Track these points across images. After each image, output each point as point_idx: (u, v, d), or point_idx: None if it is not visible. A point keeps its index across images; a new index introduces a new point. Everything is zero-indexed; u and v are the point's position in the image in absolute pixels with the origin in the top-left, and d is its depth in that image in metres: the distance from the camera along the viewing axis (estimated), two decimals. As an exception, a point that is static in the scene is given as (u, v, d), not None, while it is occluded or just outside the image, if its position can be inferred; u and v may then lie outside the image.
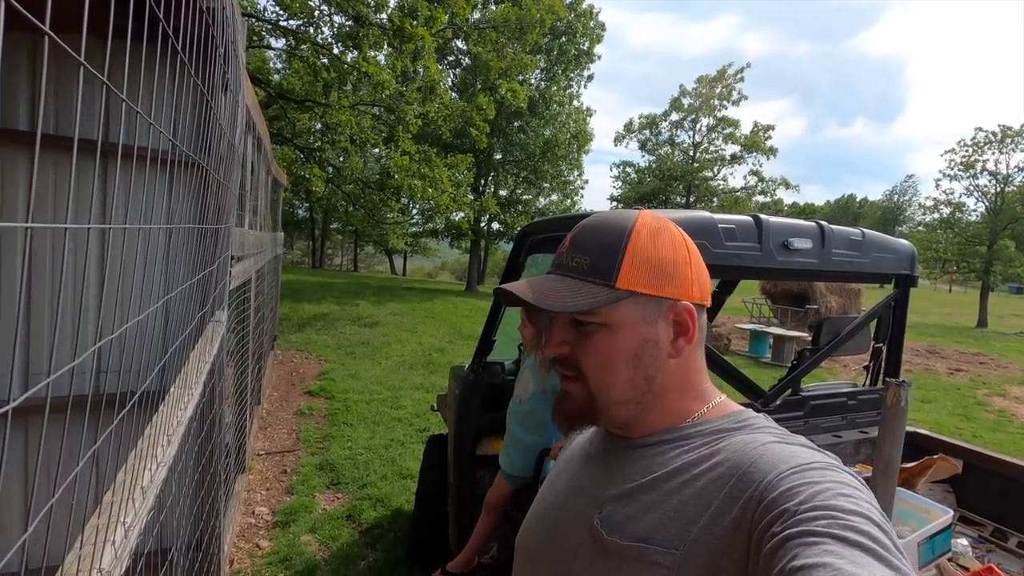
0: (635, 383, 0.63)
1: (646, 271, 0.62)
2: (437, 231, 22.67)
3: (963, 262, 23.48)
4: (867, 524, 0.45)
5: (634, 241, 0.63)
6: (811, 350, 2.03)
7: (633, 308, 0.62)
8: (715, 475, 0.57)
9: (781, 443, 0.57)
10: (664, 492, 0.59)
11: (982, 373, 9.81)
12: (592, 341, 0.63)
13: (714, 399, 0.67)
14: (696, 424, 0.64)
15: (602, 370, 0.63)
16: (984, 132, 22.04)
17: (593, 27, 20.27)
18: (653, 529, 0.57)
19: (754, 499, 0.51)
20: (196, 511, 1.83)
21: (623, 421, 0.65)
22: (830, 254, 1.88)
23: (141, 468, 0.83)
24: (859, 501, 0.47)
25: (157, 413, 1.06)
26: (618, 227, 0.64)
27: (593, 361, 0.63)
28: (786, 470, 0.52)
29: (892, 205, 64.41)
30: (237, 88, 2.15)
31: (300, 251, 34.76)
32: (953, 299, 36.95)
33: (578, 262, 0.64)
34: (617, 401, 0.63)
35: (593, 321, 0.62)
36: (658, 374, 0.64)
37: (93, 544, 0.63)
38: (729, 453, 0.58)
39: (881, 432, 0.94)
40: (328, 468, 3.97)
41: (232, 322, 3.13)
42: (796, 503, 0.48)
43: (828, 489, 0.48)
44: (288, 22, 10.33)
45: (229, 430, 3.10)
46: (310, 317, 10.14)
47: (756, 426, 0.62)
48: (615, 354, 0.62)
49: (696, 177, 25.16)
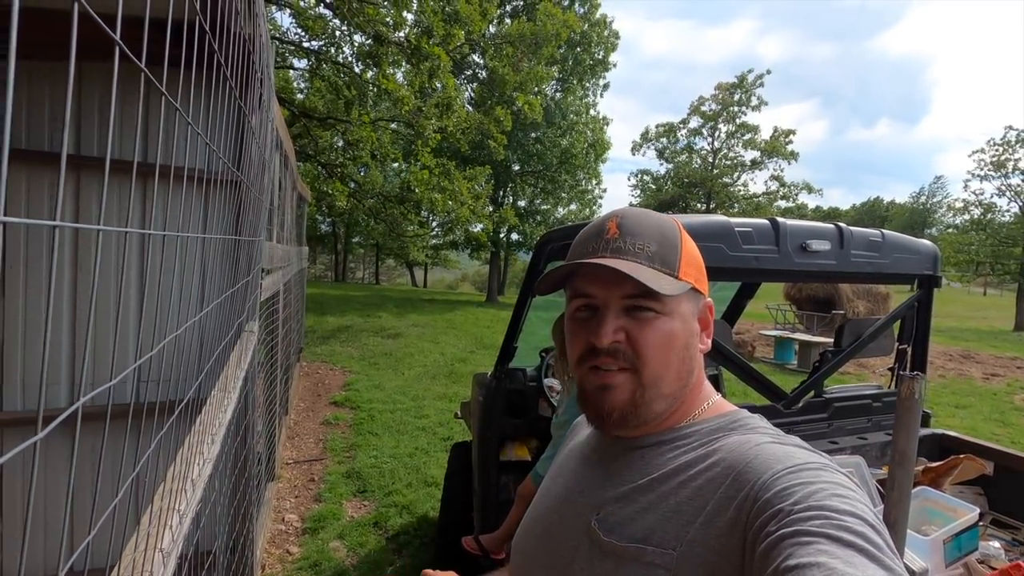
0: (680, 375, 0.64)
1: (694, 268, 0.65)
2: (457, 243, 22.88)
3: (997, 264, 22.76)
4: (861, 524, 0.45)
5: (684, 238, 0.66)
6: (833, 352, 2.02)
7: (688, 300, 0.65)
8: (711, 475, 0.57)
9: (776, 443, 0.57)
10: (661, 493, 0.59)
11: (1020, 378, 9.48)
12: (653, 328, 0.62)
13: (710, 398, 0.68)
14: (693, 424, 0.65)
15: (662, 359, 0.62)
16: (1015, 130, 21.46)
17: (607, 36, 20.39)
18: (650, 530, 0.57)
19: (749, 499, 0.52)
20: (232, 514, 1.90)
21: (655, 415, 0.64)
22: (849, 255, 1.88)
23: (191, 462, 0.90)
24: (853, 502, 0.48)
25: (201, 413, 1.13)
26: (666, 220, 0.66)
27: (654, 348, 0.62)
28: (781, 470, 0.52)
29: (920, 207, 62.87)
30: (269, 107, 2.25)
31: (323, 265, 35.39)
32: (988, 302, 35.79)
33: (641, 248, 0.62)
34: (664, 393, 0.63)
35: (654, 308, 0.62)
36: (695, 367, 0.66)
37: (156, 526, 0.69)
38: (725, 453, 0.58)
39: (896, 425, 0.95)
40: (355, 476, 4.04)
41: (262, 334, 3.24)
42: (791, 503, 0.48)
43: (823, 489, 0.49)
44: (310, 43, 10.65)
45: (260, 439, 3.20)
46: (334, 329, 10.31)
47: (751, 426, 0.63)
48: (674, 342, 0.63)
49: (716, 183, 24.97)
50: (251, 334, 2.05)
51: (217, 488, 1.48)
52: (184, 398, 0.96)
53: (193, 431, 1.03)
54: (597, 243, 0.64)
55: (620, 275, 0.60)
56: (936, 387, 8.41)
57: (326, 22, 9.95)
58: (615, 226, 0.64)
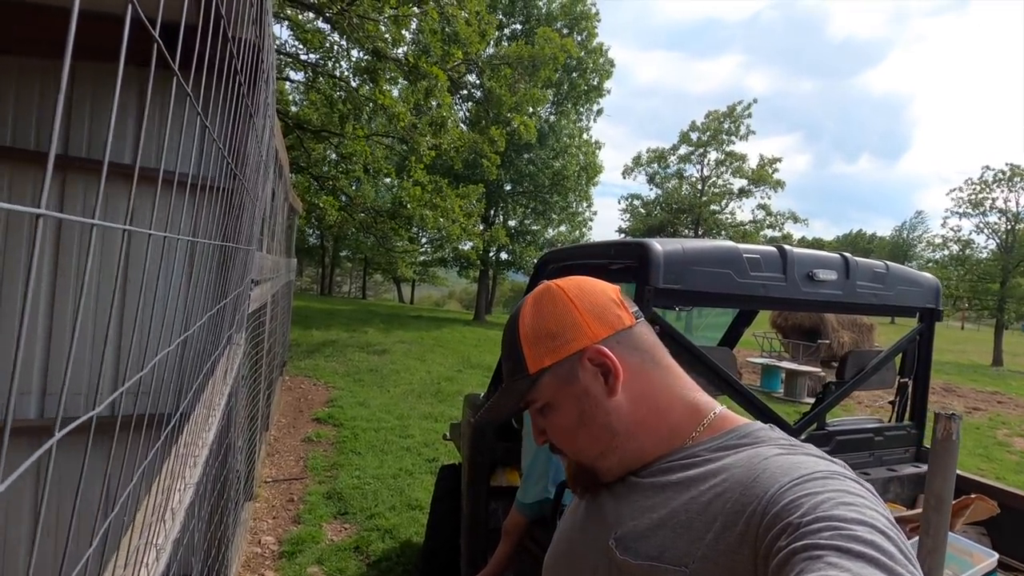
0: (597, 437, 0.66)
1: (542, 344, 0.67)
2: (446, 260, 22.80)
3: (975, 300, 23.23)
4: (871, 532, 0.44)
5: (521, 326, 0.69)
6: (837, 383, 1.99)
7: (552, 380, 0.67)
8: (719, 490, 0.57)
9: (784, 454, 0.57)
10: (672, 510, 0.59)
11: (1001, 412, 9.58)
12: (549, 421, 0.69)
13: (710, 412, 0.67)
14: (697, 443, 0.64)
15: (567, 441, 0.69)
16: (992, 170, 22.10)
17: (603, 63, 20.74)
18: (663, 547, 0.57)
19: (757, 513, 0.51)
20: (209, 539, 1.79)
21: (615, 470, 0.68)
22: (855, 286, 1.86)
23: (171, 488, 0.82)
24: (862, 509, 0.47)
25: (183, 434, 1.05)
26: (511, 322, 0.72)
27: (558, 437, 0.69)
28: (788, 483, 0.51)
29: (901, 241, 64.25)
30: (271, 112, 2.20)
31: (309, 278, 35.03)
32: (966, 336, 36.41)
33: (507, 369, 0.71)
34: (594, 458, 0.68)
35: (539, 406, 0.69)
36: (610, 418, 0.66)
37: (133, 566, 0.61)
38: (733, 468, 0.58)
39: (931, 468, 0.91)
40: (336, 497, 3.89)
41: (247, 346, 3.13)
42: (799, 516, 0.47)
43: (830, 499, 0.48)
44: (308, 56, 10.66)
45: (240, 457, 3.07)
46: (319, 343, 10.13)
47: (761, 439, 0.62)
48: (566, 422, 0.67)
49: (704, 210, 25.30)
50: (237, 347, 1.97)
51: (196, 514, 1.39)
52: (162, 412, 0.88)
53: (174, 453, 0.95)
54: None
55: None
56: (920, 420, 8.46)
57: (324, 36, 9.98)
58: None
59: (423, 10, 8.35)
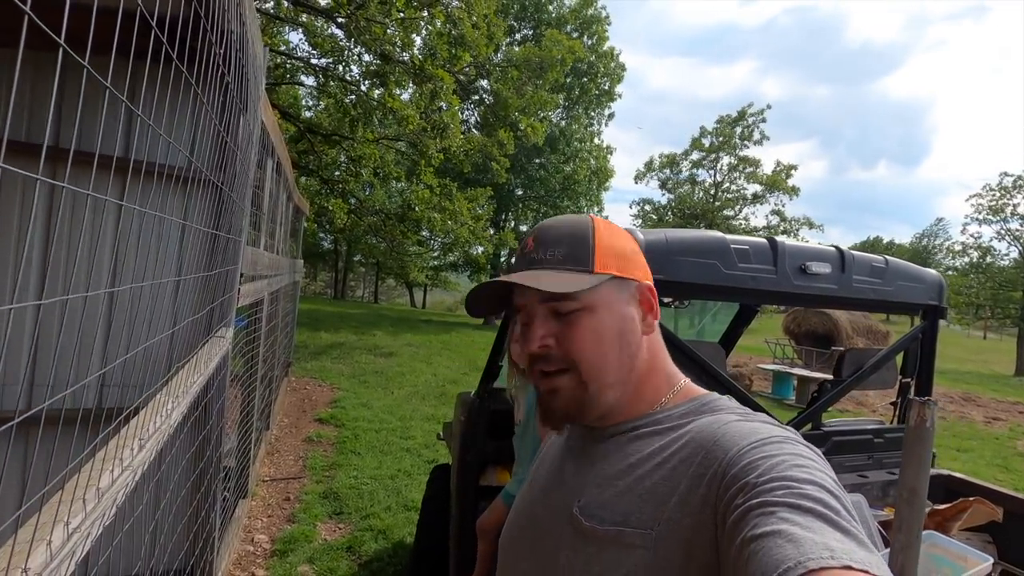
0: (622, 362, 0.66)
1: (614, 257, 0.67)
2: (457, 264, 22.84)
3: (997, 308, 22.68)
4: (820, 491, 0.47)
5: (598, 232, 0.68)
6: (833, 382, 1.92)
7: (611, 290, 0.66)
8: (683, 455, 0.59)
9: (742, 420, 0.60)
10: (637, 476, 0.61)
11: (1023, 423, 9.30)
12: (580, 326, 0.64)
13: (679, 381, 0.70)
14: (665, 409, 0.67)
15: (594, 352, 0.64)
16: (1010, 176, 21.61)
17: (614, 68, 20.71)
18: (629, 512, 0.59)
19: (718, 475, 0.54)
20: (183, 533, 1.77)
21: (609, 406, 0.66)
22: (851, 280, 1.79)
23: (100, 470, 0.79)
24: (812, 471, 0.50)
25: (134, 418, 1.02)
26: (579, 221, 0.70)
27: (585, 345, 0.64)
28: (746, 445, 0.54)
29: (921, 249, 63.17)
30: (252, 109, 2.19)
31: (323, 282, 35.30)
32: (988, 346, 35.53)
33: (552, 255, 0.66)
34: (609, 383, 0.65)
35: (576, 307, 0.64)
36: (638, 351, 0.67)
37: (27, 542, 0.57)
38: (695, 434, 0.61)
39: (904, 457, 0.84)
40: (332, 497, 3.87)
41: (241, 343, 3.12)
42: (755, 476, 0.50)
43: (784, 461, 0.51)
44: (319, 60, 10.77)
45: (232, 454, 3.05)
46: (327, 345, 10.16)
47: (720, 406, 0.65)
48: (604, 333, 0.65)
49: (717, 216, 25.07)
50: (222, 340, 1.95)
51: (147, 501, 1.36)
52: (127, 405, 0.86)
53: (117, 436, 0.92)
54: (520, 260, 0.70)
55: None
56: (937, 429, 8.21)
57: (336, 41, 10.07)
58: (532, 241, 0.69)
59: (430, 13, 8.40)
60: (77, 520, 0.69)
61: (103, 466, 0.80)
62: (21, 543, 0.56)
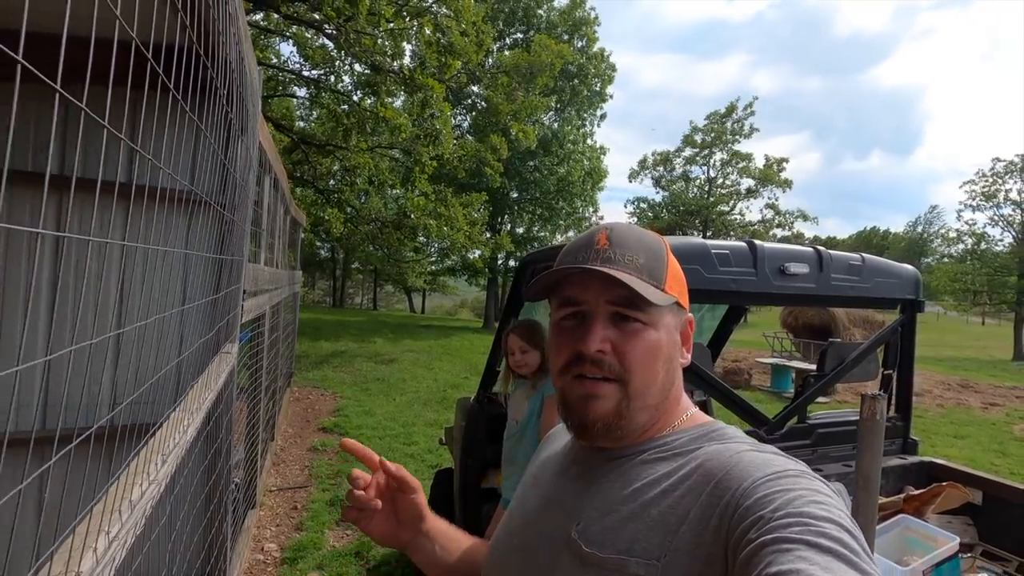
0: (664, 385, 0.65)
1: (678, 283, 0.67)
2: (454, 269, 22.93)
3: (993, 293, 22.82)
4: (838, 530, 0.46)
5: (669, 253, 0.68)
6: (816, 376, 2.00)
7: (671, 314, 0.66)
8: (691, 484, 0.57)
9: (754, 451, 0.58)
10: (643, 503, 0.59)
11: (1020, 408, 9.39)
12: (639, 339, 0.63)
13: (688, 410, 0.69)
14: (673, 435, 0.65)
15: (648, 369, 0.63)
16: (1003, 162, 21.78)
17: (604, 69, 20.83)
18: (634, 540, 0.56)
19: (731, 506, 0.52)
20: (198, 543, 1.84)
21: (638, 426, 0.64)
22: (829, 279, 1.87)
23: (131, 484, 0.86)
24: (830, 508, 0.48)
25: (155, 435, 1.10)
26: (654, 235, 0.69)
27: (641, 359, 0.62)
28: (760, 478, 0.52)
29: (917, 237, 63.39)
30: (250, 132, 2.27)
31: (322, 290, 35.36)
32: (987, 332, 35.69)
33: (631, 258, 0.64)
34: (649, 404, 0.64)
35: (643, 320, 0.63)
36: (676, 379, 0.67)
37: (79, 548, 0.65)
38: (703, 460, 0.59)
39: (859, 447, 0.92)
40: (339, 504, 3.93)
41: (244, 356, 3.20)
42: (771, 510, 0.48)
43: (801, 496, 0.49)
44: (311, 72, 10.86)
45: (240, 466, 3.13)
46: (327, 354, 10.23)
47: (728, 436, 0.64)
48: (659, 353, 0.63)
49: (712, 211, 25.19)
50: (228, 355, 2.03)
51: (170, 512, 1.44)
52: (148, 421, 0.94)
53: (142, 452, 1.00)
54: (587, 253, 0.65)
55: (608, 283, 0.62)
56: (935, 416, 8.32)
57: (326, 52, 10.16)
58: (604, 238, 0.65)
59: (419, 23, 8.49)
60: (115, 529, 0.76)
61: (134, 480, 0.88)
62: (75, 549, 0.64)
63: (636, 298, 0.61)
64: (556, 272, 0.65)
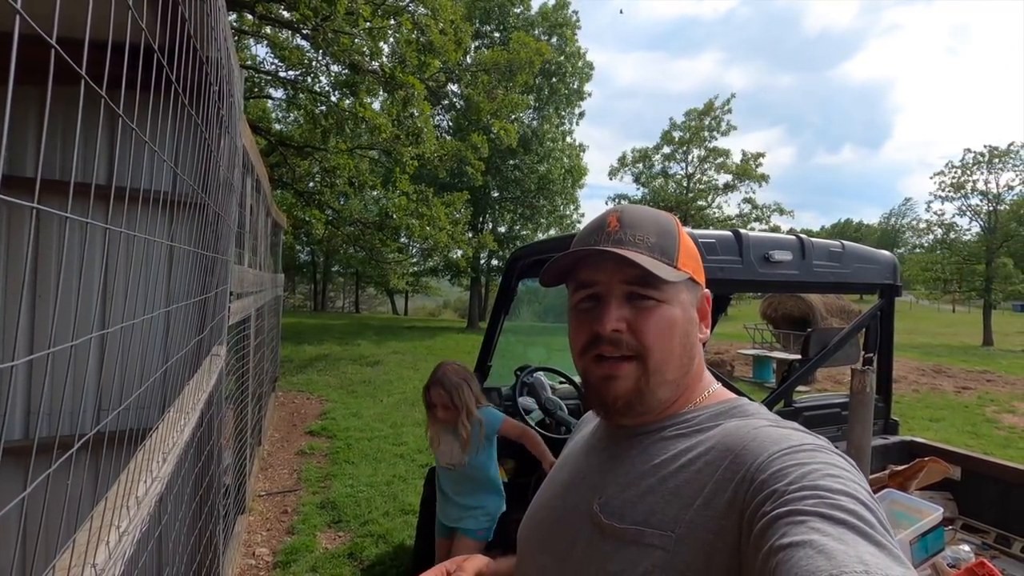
0: (683, 361, 0.66)
1: (692, 259, 0.68)
2: (437, 269, 22.84)
3: (963, 281, 23.51)
4: (853, 503, 0.46)
5: (681, 231, 0.69)
6: (801, 361, 2.05)
7: (686, 290, 0.67)
8: (709, 458, 0.58)
9: (773, 427, 0.59)
10: (661, 477, 0.60)
11: (990, 390, 9.71)
12: (654, 316, 0.64)
13: (710, 386, 0.71)
14: (694, 411, 0.66)
15: (665, 345, 0.64)
16: (973, 153, 22.44)
17: (582, 67, 20.95)
18: (650, 513, 0.58)
19: (746, 480, 0.53)
20: (193, 546, 1.82)
21: (659, 402, 0.66)
22: (811, 266, 1.93)
23: (136, 480, 0.86)
24: (846, 481, 0.48)
25: (154, 432, 1.09)
26: (664, 214, 0.70)
27: (657, 335, 0.64)
28: (776, 452, 0.53)
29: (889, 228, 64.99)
30: (234, 130, 2.25)
31: (302, 295, 34.90)
32: (957, 319, 36.77)
33: (641, 238, 0.65)
34: (668, 380, 0.65)
35: (657, 297, 0.64)
36: (695, 355, 0.68)
37: (88, 543, 0.65)
38: (722, 437, 0.60)
39: (850, 419, 0.96)
40: (329, 507, 3.91)
41: (231, 360, 3.16)
42: (786, 483, 0.49)
43: (817, 470, 0.49)
44: (287, 73, 10.72)
45: (228, 470, 3.09)
46: (311, 358, 10.13)
47: (749, 412, 0.65)
48: (674, 328, 0.65)
49: (691, 207, 25.50)
50: (217, 357, 2.01)
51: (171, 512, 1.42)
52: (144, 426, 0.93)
53: (144, 449, 0.99)
54: (599, 236, 0.67)
55: (622, 264, 0.63)
56: (911, 401, 8.55)
57: (303, 52, 10.05)
58: (615, 220, 0.67)
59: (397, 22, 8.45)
60: (124, 524, 0.76)
61: (138, 476, 0.87)
62: (92, 544, 0.64)
63: (648, 276, 0.62)
64: (570, 255, 0.66)
